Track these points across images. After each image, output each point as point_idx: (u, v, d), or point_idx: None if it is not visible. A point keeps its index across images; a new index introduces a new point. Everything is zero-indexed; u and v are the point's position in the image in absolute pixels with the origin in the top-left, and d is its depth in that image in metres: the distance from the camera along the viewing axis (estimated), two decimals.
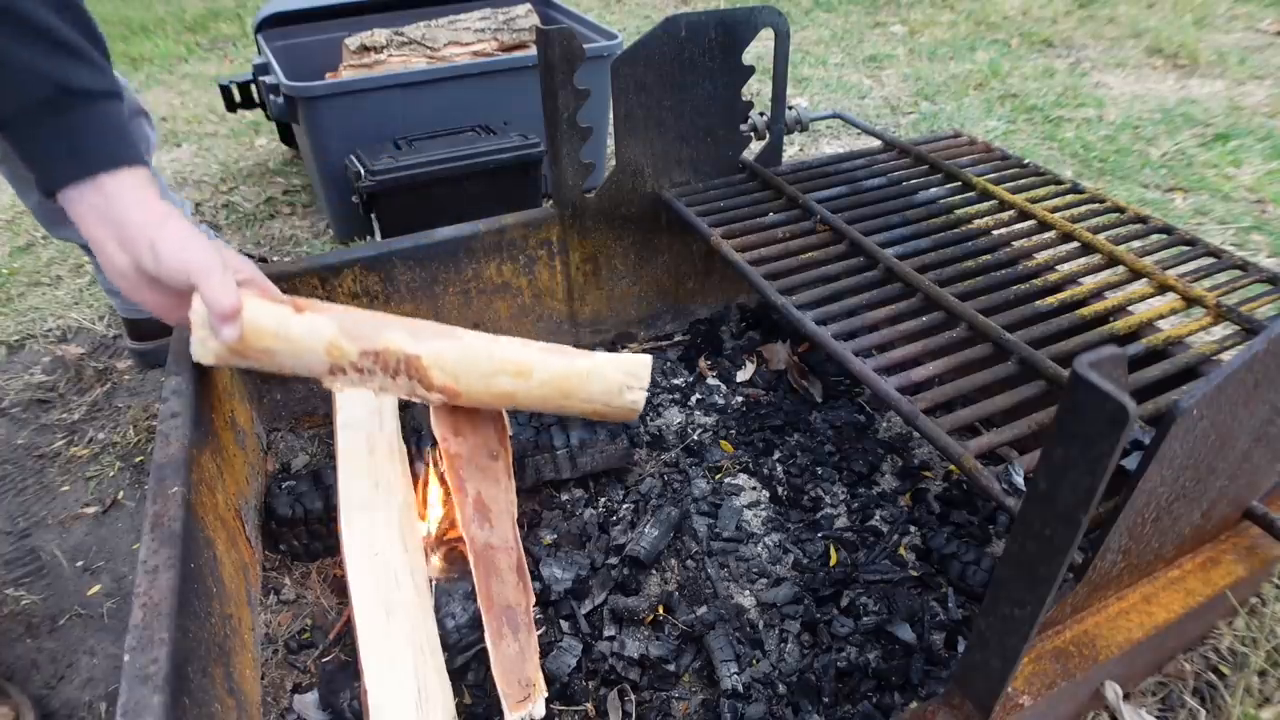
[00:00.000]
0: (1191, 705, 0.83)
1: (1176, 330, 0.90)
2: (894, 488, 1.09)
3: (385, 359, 0.83)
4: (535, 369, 0.89)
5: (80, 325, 1.52)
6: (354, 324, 0.82)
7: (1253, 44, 2.77)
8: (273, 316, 0.78)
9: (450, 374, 0.86)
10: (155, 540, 0.68)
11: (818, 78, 2.61)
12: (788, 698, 0.82)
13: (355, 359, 0.82)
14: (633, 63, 1.11)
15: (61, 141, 0.68)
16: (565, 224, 1.21)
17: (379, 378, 0.83)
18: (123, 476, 1.19)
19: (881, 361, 0.86)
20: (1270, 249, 1.61)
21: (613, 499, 1.06)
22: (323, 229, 1.83)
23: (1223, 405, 0.54)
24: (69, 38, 0.67)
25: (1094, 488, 0.45)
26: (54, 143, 0.68)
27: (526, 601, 0.84)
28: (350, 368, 0.82)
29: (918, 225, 1.11)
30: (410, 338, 0.84)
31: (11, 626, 0.98)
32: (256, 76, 1.77)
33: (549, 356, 0.90)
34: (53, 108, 0.67)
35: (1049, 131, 2.17)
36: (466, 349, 0.86)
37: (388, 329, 0.84)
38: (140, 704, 0.56)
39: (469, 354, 0.87)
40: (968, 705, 0.64)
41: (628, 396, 0.92)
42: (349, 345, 0.81)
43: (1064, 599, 0.65)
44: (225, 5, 3.50)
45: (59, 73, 0.66)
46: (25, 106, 0.67)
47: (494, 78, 1.69)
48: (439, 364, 0.85)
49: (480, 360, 0.87)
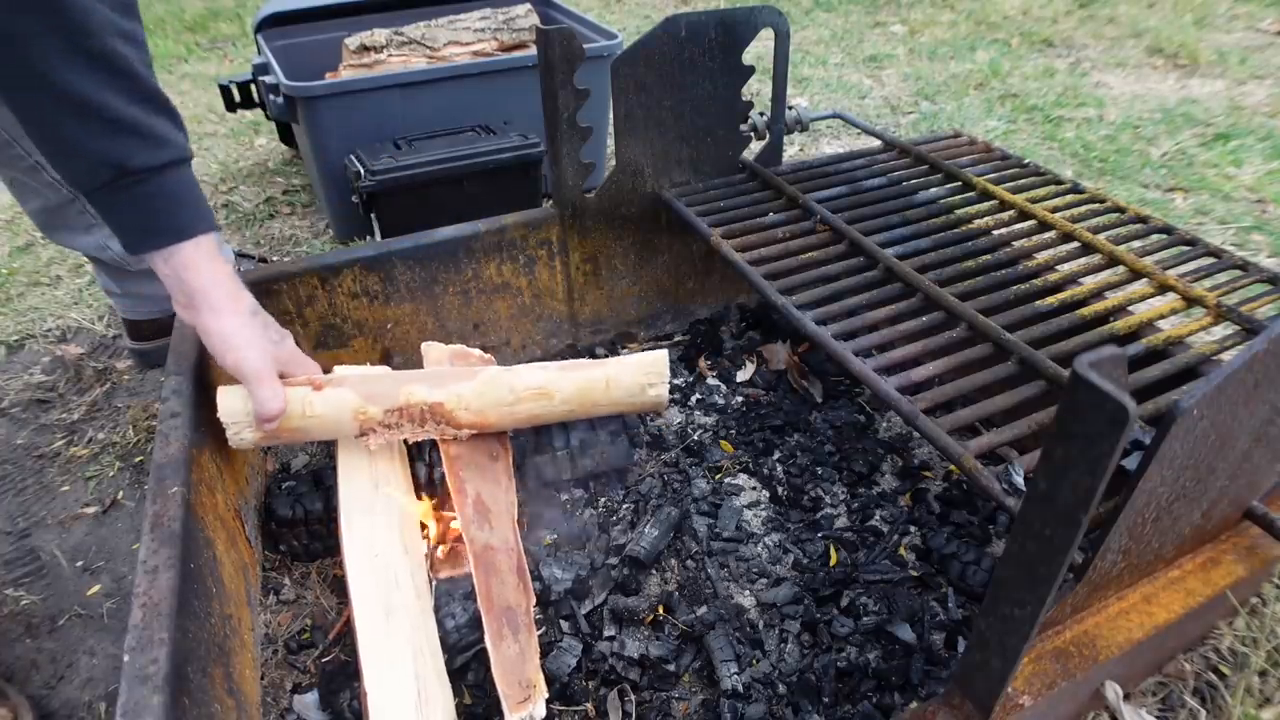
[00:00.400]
0: (1192, 705, 0.83)
1: (1176, 330, 0.90)
2: (894, 488, 1.09)
3: (410, 412, 0.89)
4: (555, 390, 0.94)
5: (80, 325, 1.52)
6: (373, 387, 0.88)
7: (1253, 44, 2.77)
8: (298, 400, 0.84)
9: (475, 411, 0.91)
10: (155, 540, 0.68)
11: (818, 78, 2.61)
12: (788, 698, 0.82)
13: (381, 418, 0.88)
14: (633, 63, 1.11)
15: (128, 216, 0.73)
16: (565, 224, 1.21)
17: (408, 428, 0.90)
18: (123, 476, 1.19)
19: (881, 361, 0.86)
20: (1271, 249, 1.61)
21: (613, 499, 1.06)
22: (323, 229, 1.83)
23: (1223, 405, 0.54)
24: (125, 115, 0.68)
25: (1094, 488, 0.45)
26: (124, 217, 0.73)
27: (527, 602, 0.84)
28: (379, 426, 0.89)
29: (918, 225, 1.11)
30: (429, 387, 0.90)
31: (11, 626, 0.98)
32: (256, 76, 1.77)
33: (566, 374, 0.95)
34: (116, 187, 0.70)
35: (1049, 131, 2.17)
36: (485, 385, 0.91)
37: (406, 384, 0.89)
38: (140, 704, 0.56)
39: (489, 389, 0.92)
40: (968, 705, 0.64)
41: (650, 393, 0.98)
42: (373, 409, 0.88)
43: (1064, 599, 0.65)
44: (225, 5, 3.50)
45: (116, 154, 0.69)
46: (93, 186, 0.71)
47: (494, 78, 1.69)
48: (462, 405, 0.90)
49: (501, 393, 0.92)
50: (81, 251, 1.22)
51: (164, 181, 0.72)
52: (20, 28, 0.62)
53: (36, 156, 1.10)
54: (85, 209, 1.17)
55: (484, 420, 0.91)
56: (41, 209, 1.17)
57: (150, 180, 0.71)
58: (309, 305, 1.10)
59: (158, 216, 0.73)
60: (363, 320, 1.15)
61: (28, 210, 1.19)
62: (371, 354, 1.18)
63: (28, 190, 1.15)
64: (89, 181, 0.70)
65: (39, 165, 1.11)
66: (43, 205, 1.17)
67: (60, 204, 1.16)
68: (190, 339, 0.93)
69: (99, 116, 0.67)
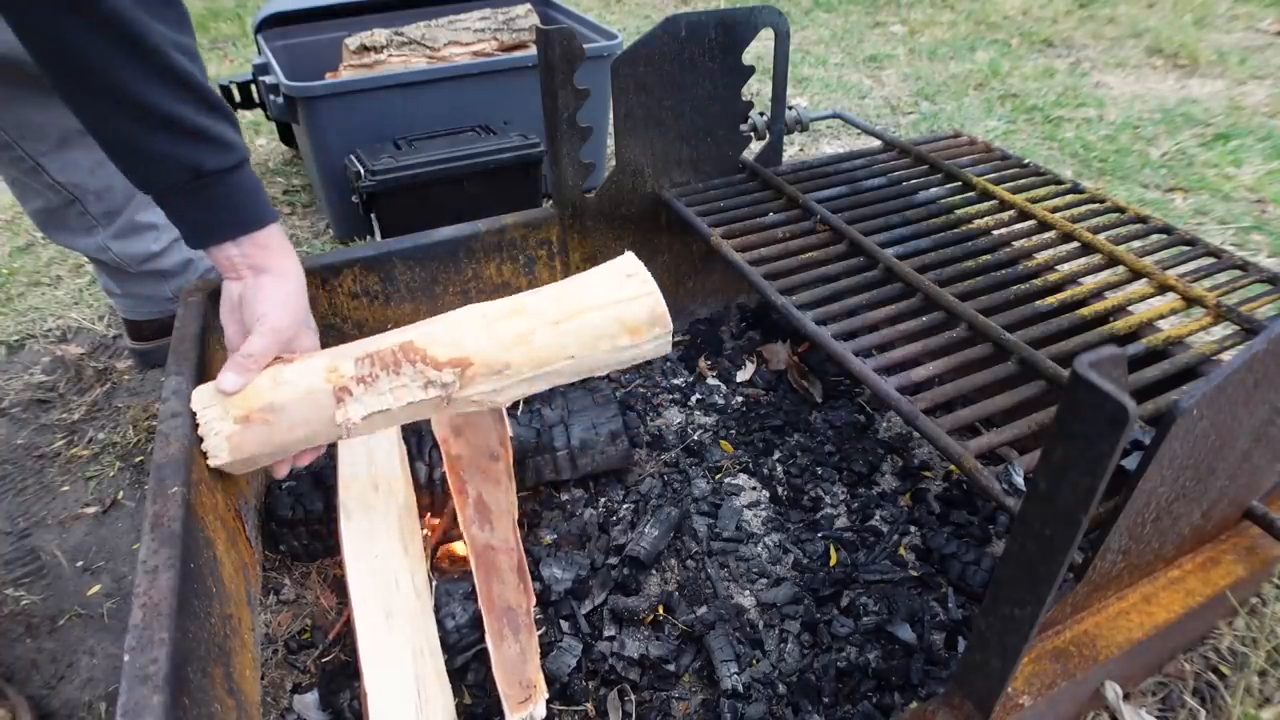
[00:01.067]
0: (1191, 705, 0.83)
1: (1176, 330, 0.90)
2: (894, 488, 1.09)
3: (381, 357, 0.79)
4: (529, 307, 0.84)
5: (80, 325, 1.52)
6: (341, 347, 0.82)
7: (1253, 44, 2.77)
8: (269, 373, 0.79)
9: (451, 342, 0.81)
10: (155, 540, 0.68)
11: (818, 78, 2.61)
12: (788, 698, 0.82)
13: (353, 371, 0.79)
14: (633, 63, 1.11)
15: (201, 214, 0.78)
16: (565, 224, 1.21)
17: (384, 379, 0.79)
18: (123, 476, 1.19)
19: (881, 361, 0.86)
20: (1270, 249, 1.61)
21: (613, 499, 1.06)
22: (323, 229, 1.83)
23: (1223, 405, 0.54)
24: (196, 123, 0.74)
25: (1094, 488, 0.45)
26: (196, 214, 0.78)
27: (527, 602, 0.84)
28: (353, 383, 0.78)
29: (918, 225, 1.11)
30: (397, 333, 0.82)
31: (11, 626, 0.98)
32: (256, 76, 1.77)
33: (537, 292, 0.86)
34: (191, 189, 0.76)
35: (1049, 131, 2.17)
36: (454, 318, 0.83)
37: (375, 338, 0.82)
38: (140, 704, 0.56)
39: (458, 320, 0.83)
40: (968, 705, 0.64)
41: (632, 285, 0.85)
42: (343, 362, 0.79)
43: (1064, 599, 0.65)
44: (225, 5, 3.49)
45: (190, 159, 0.74)
46: (167, 189, 0.76)
47: (494, 78, 1.69)
48: (434, 339, 0.81)
49: (473, 320, 0.83)
50: (82, 253, 1.23)
51: (237, 180, 0.78)
52: (98, 56, 0.67)
53: (37, 158, 1.10)
54: (85, 210, 1.17)
55: (463, 354, 0.81)
56: (42, 209, 1.17)
57: (224, 180, 0.77)
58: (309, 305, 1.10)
59: (234, 210, 0.79)
60: (363, 320, 1.15)
61: (28, 210, 1.19)
62: None
63: (29, 191, 1.15)
64: (163, 183, 0.76)
65: (39, 167, 1.11)
66: (43, 206, 1.16)
67: (60, 205, 1.16)
68: (190, 338, 0.93)
69: (175, 128, 0.72)
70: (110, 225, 1.20)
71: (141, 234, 1.23)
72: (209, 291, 1.03)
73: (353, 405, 0.78)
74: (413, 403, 0.79)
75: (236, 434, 0.76)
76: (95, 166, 1.15)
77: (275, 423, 0.77)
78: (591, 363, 0.85)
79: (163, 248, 1.27)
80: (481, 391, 0.82)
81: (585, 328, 0.83)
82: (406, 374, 0.79)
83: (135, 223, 1.22)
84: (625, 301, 0.84)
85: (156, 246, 1.26)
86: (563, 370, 0.84)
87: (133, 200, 1.21)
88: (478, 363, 0.80)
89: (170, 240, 1.28)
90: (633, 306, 0.84)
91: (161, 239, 1.26)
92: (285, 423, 0.77)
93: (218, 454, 0.77)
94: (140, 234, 1.23)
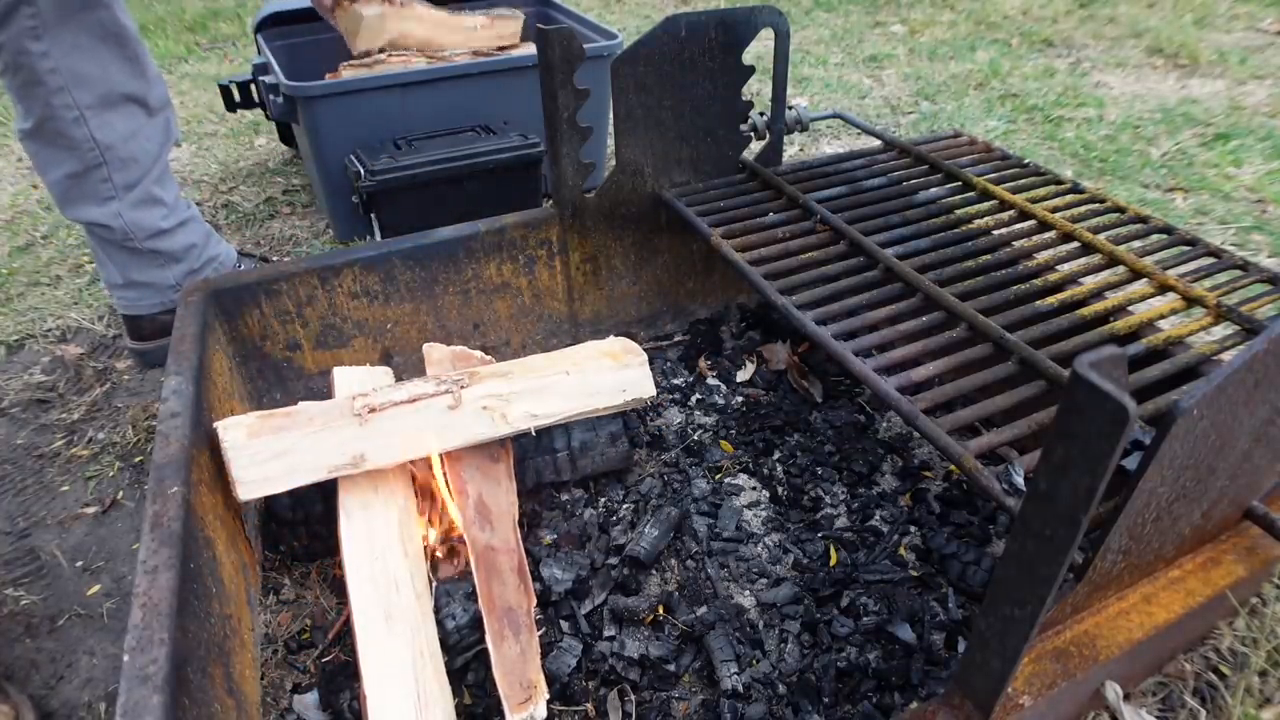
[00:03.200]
0: (1192, 705, 0.83)
1: (1177, 330, 0.90)
2: (894, 488, 1.09)
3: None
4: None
5: (80, 325, 1.52)
6: None
7: (1253, 43, 2.77)
8: None
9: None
10: (155, 540, 0.68)
11: (818, 78, 2.61)
12: (788, 698, 0.82)
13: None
14: (633, 63, 1.11)
15: None
16: (565, 224, 1.21)
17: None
18: (123, 476, 1.19)
19: (881, 361, 0.86)
20: (1271, 249, 1.61)
21: (613, 499, 1.06)
22: (323, 229, 1.83)
23: (1223, 405, 0.54)
24: None
25: (1094, 488, 0.45)
26: None
27: (528, 603, 0.84)
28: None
29: (918, 225, 1.11)
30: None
31: (11, 626, 0.98)
32: (256, 76, 1.77)
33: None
34: None
35: (1049, 131, 2.17)
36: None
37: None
38: (140, 704, 0.56)
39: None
40: (968, 705, 0.64)
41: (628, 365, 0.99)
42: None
43: (1064, 599, 0.65)
44: (225, 5, 3.49)
45: None
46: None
47: (494, 78, 1.69)
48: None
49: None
50: (94, 223, 1.25)
51: None
52: None
53: (83, 108, 1.14)
54: (108, 177, 1.21)
55: (470, 364, 1.01)
56: (68, 175, 1.20)
57: None
58: (309, 305, 1.10)
59: None
60: (363, 320, 1.15)
61: (51, 180, 1.21)
62: (371, 354, 1.18)
63: (61, 153, 1.18)
64: None
65: (83, 118, 1.15)
66: (70, 171, 1.20)
67: (87, 169, 1.19)
68: (190, 338, 0.93)
69: None
70: (127, 196, 1.24)
71: (152, 207, 1.27)
72: (209, 291, 1.03)
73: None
74: (422, 395, 0.86)
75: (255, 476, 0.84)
76: (129, 135, 1.20)
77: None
78: (584, 385, 1.00)
79: (170, 226, 1.30)
80: (489, 393, 0.85)
81: (575, 354, 0.99)
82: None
83: (149, 194, 1.26)
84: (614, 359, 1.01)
85: (165, 224, 1.29)
86: (560, 387, 0.97)
87: (149, 173, 1.25)
88: (482, 370, 0.90)
89: (177, 222, 1.31)
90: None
91: (170, 217, 1.30)
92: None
93: (243, 482, 0.84)
94: (151, 207, 1.27)
